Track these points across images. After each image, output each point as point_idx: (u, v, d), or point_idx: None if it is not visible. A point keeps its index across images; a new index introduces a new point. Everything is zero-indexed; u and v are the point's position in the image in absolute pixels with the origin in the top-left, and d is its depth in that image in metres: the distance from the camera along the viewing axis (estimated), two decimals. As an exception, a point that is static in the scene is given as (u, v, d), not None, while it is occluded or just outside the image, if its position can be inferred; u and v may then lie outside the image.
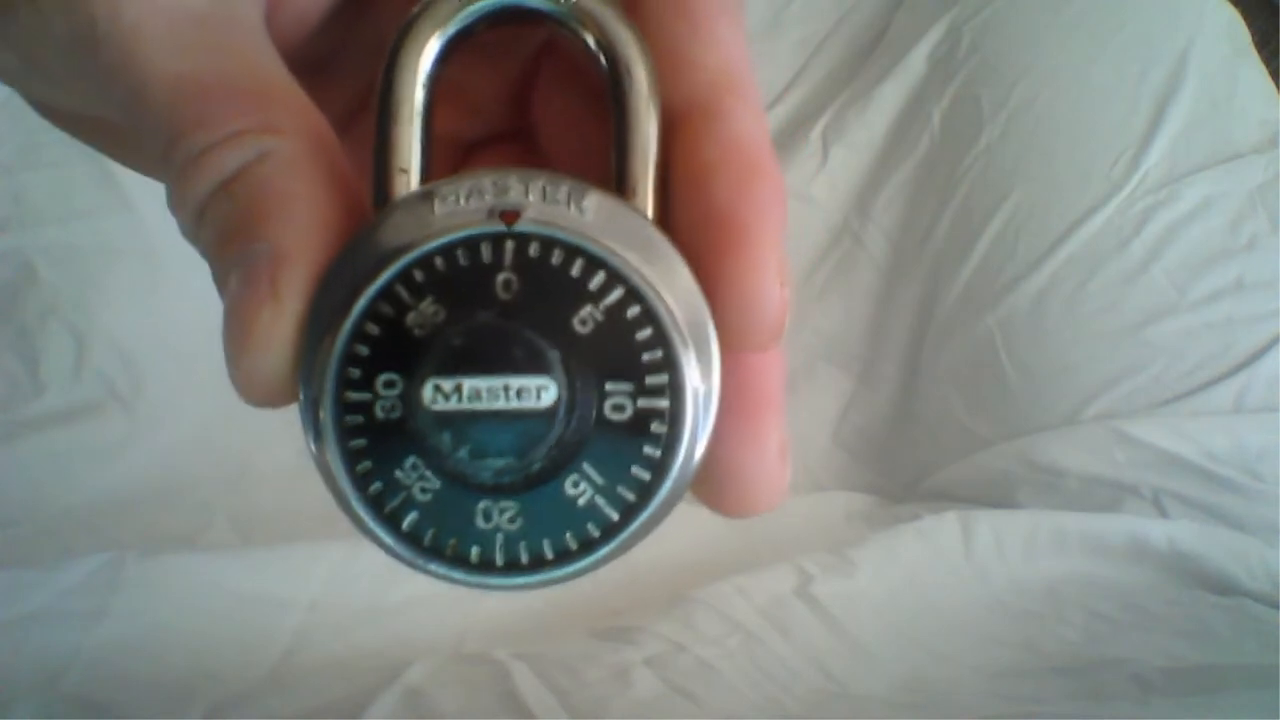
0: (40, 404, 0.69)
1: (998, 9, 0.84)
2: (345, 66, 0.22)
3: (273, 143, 0.17)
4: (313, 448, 0.18)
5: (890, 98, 0.87)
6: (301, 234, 0.17)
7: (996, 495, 0.74)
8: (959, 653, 0.60)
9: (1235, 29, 0.82)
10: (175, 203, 0.18)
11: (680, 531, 0.70)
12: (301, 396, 0.17)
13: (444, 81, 0.19)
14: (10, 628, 0.55)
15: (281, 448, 0.72)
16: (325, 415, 0.17)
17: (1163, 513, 0.70)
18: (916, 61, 0.86)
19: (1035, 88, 0.79)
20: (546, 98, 0.23)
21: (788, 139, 0.90)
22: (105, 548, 0.59)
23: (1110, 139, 0.77)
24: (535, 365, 0.16)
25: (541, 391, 0.16)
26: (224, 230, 0.17)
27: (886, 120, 0.87)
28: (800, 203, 0.87)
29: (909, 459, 0.83)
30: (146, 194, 0.72)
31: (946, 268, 0.81)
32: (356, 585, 0.61)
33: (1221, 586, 0.65)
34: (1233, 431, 0.69)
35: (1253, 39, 0.83)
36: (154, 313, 0.73)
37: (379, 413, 0.17)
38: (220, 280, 0.17)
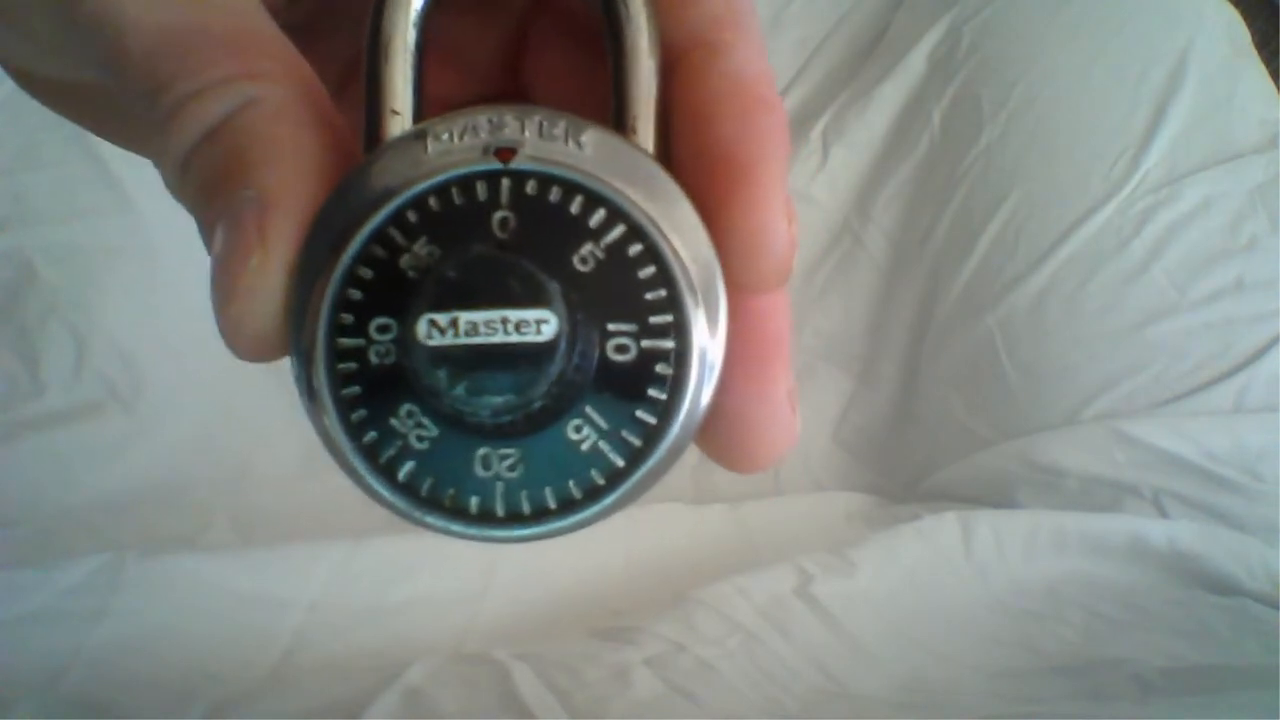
0: (40, 404, 0.69)
1: (998, 9, 0.84)
2: (335, 31, 0.22)
3: (258, 89, 0.17)
4: (305, 399, 0.17)
5: (890, 98, 0.87)
6: (290, 179, 0.16)
7: (996, 495, 0.74)
8: (959, 653, 0.60)
9: (1235, 29, 0.82)
10: (160, 157, 0.18)
11: (680, 531, 0.71)
12: (292, 346, 0.17)
13: (436, 38, 0.19)
14: (10, 628, 0.55)
15: (281, 448, 0.72)
16: (317, 363, 0.17)
17: (1163, 513, 0.70)
18: (916, 61, 0.86)
19: (1035, 88, 0.79)
20: (540, 56, 0.22)
21: (788, 139, 0.89)
22: (105, 548, 0.59)
23: (1110, 139, 0.76)
24: (534, 297, 0.16)
25: (541, 325, 0.16)
26: (210, 180, 0.17)
27: (886, 120, 0.87)
28: (800, 203, 0.87)
29: (909, 459, 0.83)
30: (146, 193, 0.72)
31: (946, 268, 0.81)
32: (356, 585, 0.61)
33: (1221, 586, 0.65)
34: (1233, 431, 0.69)
35: (1253, 39, 0.83)
36: (154, 313, 0.73)
37: (373, 358, 0.17)
38: (206, 232, 0.17)
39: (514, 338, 0.16)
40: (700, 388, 0.17)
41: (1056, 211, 0.76)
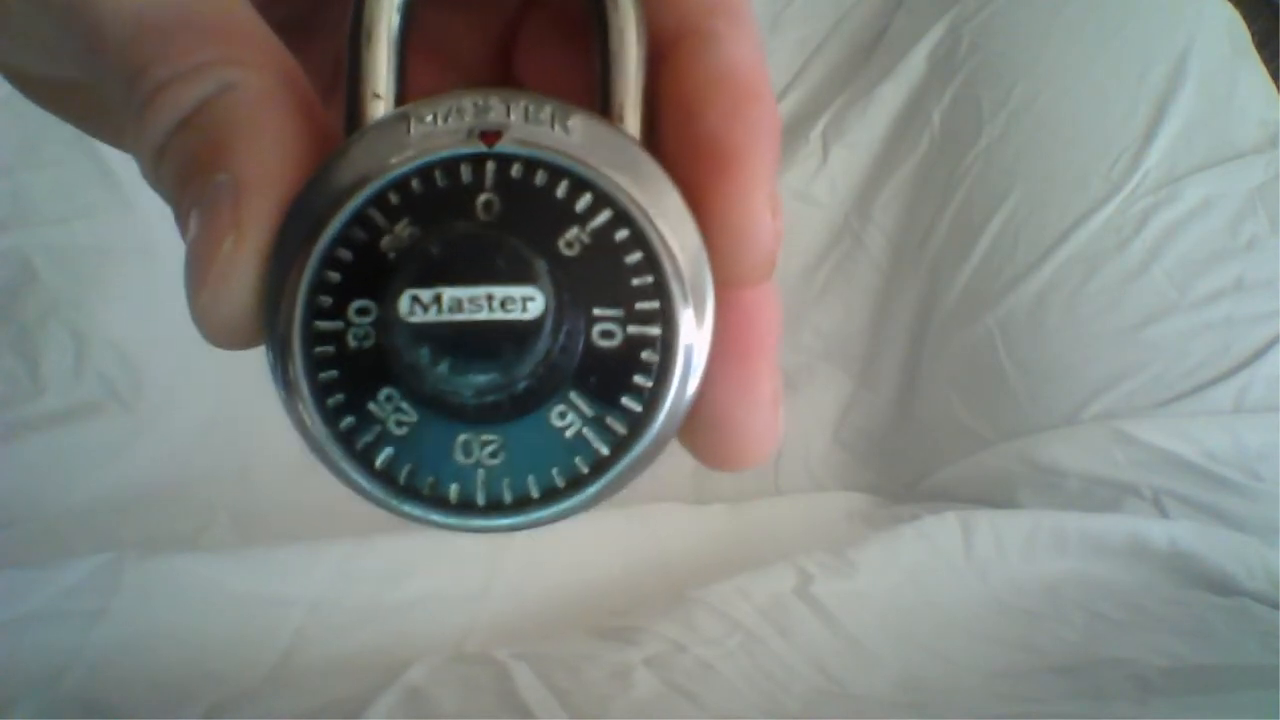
0: (40, 404, 0.69)
1: (998, 9, 0.84)
2: (326, 29, 0.21)
3: (236, 75, 0.16)
4: (279, 385, 0.17)
5: (890, 98, 0.87)
6: (266, 163, 0.16)
7: (996, 495, 0.74)
8: (959, 653, 0.60)
9: (1235, 29, 0.82)
10: (136, 146, 0.17)
11: (680, 531, 0.71)
12: (267, 331, 0.16)
13: (426, 35, 0.18)
14: (10, 628, 0.54)
15: (282, 447, 0.72)
16: (293, 346, 0.16)
17: (1163, 513, 0.70)
18: (916, 61, 0.86)
19: (1035, 88, 0.79)
20: (530, 50, 0.22)
21: (788, 139, 0.89)
22: (105, 548, 0.59)
23: (1110, 139, 0.76)
24: (521, 274, 0.15)
25: (528, 302, 0.15)
26: (185, 167, 0.16)
27: (886, 120, 0.87)
28: (800, 203, 0.87)
29: (909, 459, 0.83)
30: (147, 193, 0.72)
31: (946, 268, 0.81)
32: (357, 585, 0.61)
33: (1221, 586, 0.65)
34: (1233, 431, 0.69)
35: (1253, 39, 0.83)
36: (154, 313, 0.73)
37: (351, 342, 0.16)
38: (182, 220, 0.17)
39: (499, 315, 0.15)
40: (686, 376, 0.17)
41: (1056, 211, 0.76)
